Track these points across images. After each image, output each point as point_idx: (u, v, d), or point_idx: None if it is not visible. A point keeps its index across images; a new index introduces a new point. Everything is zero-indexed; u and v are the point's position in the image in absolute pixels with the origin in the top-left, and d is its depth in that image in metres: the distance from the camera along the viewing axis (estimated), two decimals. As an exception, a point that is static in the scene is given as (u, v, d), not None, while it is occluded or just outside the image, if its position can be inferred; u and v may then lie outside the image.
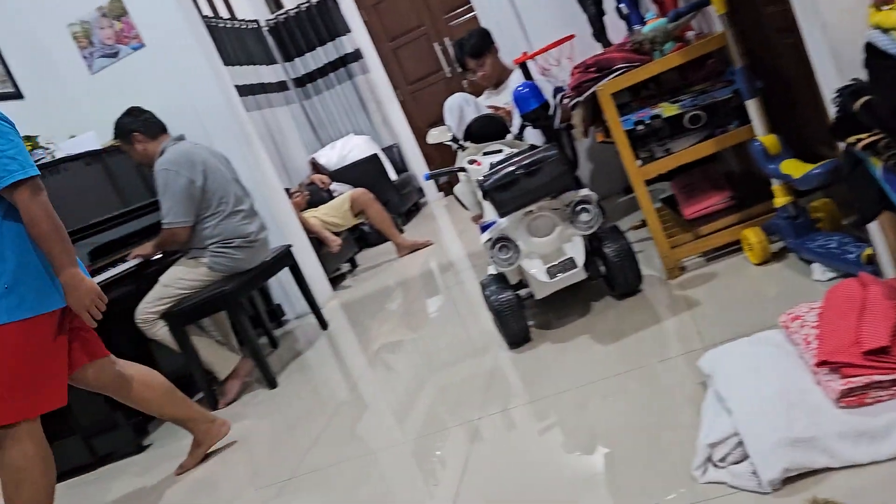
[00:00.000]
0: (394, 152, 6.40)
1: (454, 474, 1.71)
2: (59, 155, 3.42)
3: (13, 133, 1.92)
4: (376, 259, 5.10)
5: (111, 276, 3.00)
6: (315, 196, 5.05)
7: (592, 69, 2.27)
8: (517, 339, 2.28)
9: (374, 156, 5.87)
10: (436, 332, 2.85)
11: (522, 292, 2.42)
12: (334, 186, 5.44)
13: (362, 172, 5.74)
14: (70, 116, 3.89)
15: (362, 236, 5.59)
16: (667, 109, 2.24)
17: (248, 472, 2.27)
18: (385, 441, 2.06)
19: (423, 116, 6.53)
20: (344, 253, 4.79)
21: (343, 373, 2.89)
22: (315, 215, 4.69)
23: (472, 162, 2.56)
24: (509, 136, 2.69)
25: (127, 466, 2.83)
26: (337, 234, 4.64)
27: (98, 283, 2.91)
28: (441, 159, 6.42)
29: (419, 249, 4.70)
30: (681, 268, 2.35)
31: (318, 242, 4.46)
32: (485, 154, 2.60)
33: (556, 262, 2.16)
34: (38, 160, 3.27)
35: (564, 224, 2.19)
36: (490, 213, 2.39)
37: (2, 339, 1.91)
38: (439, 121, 3.39)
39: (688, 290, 2.20)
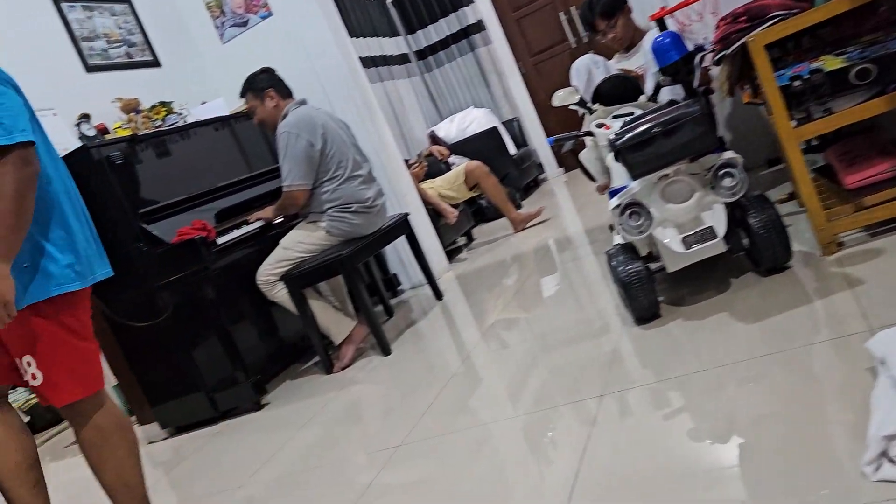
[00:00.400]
0: (514, 126, 6.25)
1: (572, 456, 1.57)
2: (190, 120, 3.54)
3: (9, 94, 1.65)
4: (493, 234, 5.00)
5: (235, 238, 3.07)
6: (433, 168, 5.01)
7: (742, 18, 2.04)
8: (645, 313, 2.11)
9: (494, 129, 5.75)
10: (552, 310, 2.69)
11: (652, 266, 2.24)
12: (453, 159, 5.38)
13: (481, 146, 5.64)
14: (202, 84, 4.03)
15: (479, 210, 5.50)
16: (829, 62, 1.98)
17: (360, 437, 2.24)
18: (497, 416, 1.95)
19: (545, 89, 6.33)
20: (460, 226, 4.72)
21: (456, 345, 2.81)
22: (432, 186, 4.65)
23: (600, 126, 2.39)
24: (642, 98, 2.50)
25: (246, 422, 2.90)
26: (454, 206, 4.57)
27: (222, 244, 3.00)
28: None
29: (533, 221, 4.56)
30: (838, 243, 2.08)
31: (435, 214, 4.41)
32: (615, 117, 2.42)
33: (693, 232, 1.97)
34: (172, 125, 3.39)
35: (704, 190, 1.99)
36: (619, 177, 2.22)
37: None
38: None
39: (847, 268, 1.94)
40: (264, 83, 3.12)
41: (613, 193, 2.14)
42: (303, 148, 2.96)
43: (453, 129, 5.91)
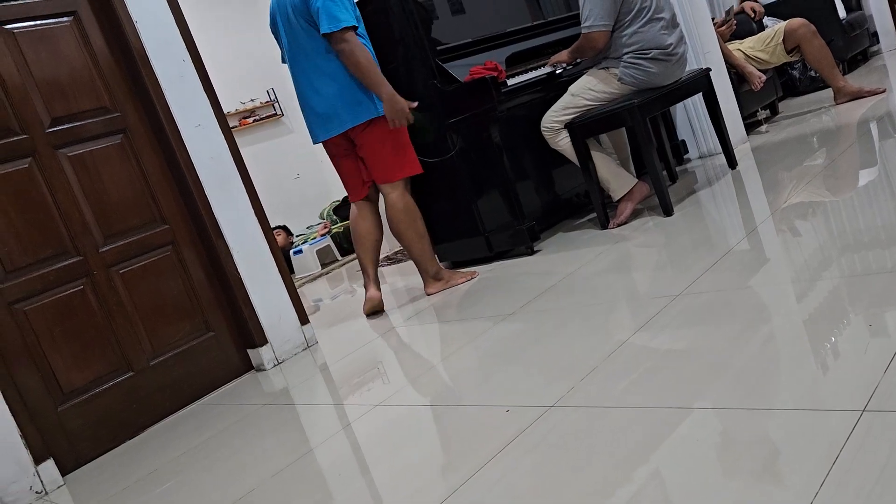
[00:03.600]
0: (848, -15, 5.29)
1: (865, 370, 1.26)
2: (490, -40, 3.47)
3: None
4: (803, 107, 4.39)
5: (525, 81, 3.04)
6: (742, 27, 4.45)
7: None
8: None
9: (823, -14, 4.91)
10: (862, 203, 2.23)
11: None
12: (767, 21, 4.73)
13: (803, 7, 4.87)
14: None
15: (790, 82, 4.85)
16: None
17: (627, 292, 2.16)
18: (778, 303, 1.68)
19: (897, -61, 5.20)
20: (765, 94, 4.21)
21: (743, 219, 2.53)
22: (739, 48, 4.15)
23: None
24: None
25: (518, 264, 2.97)
26: (762, 71, 4.06)
27: (512, 86, 2.98)
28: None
29: (865, 97, 3.88)
30: None
31: (737, 78, 3.96)
32: None
33: None
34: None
35: None
36: None
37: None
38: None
39: None
40: None
41: None
42: (607, -15, 2.76)
43: (771, -14, 5.16)
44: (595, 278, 2.39)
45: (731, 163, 3.27)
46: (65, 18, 2.57)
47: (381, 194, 3.01)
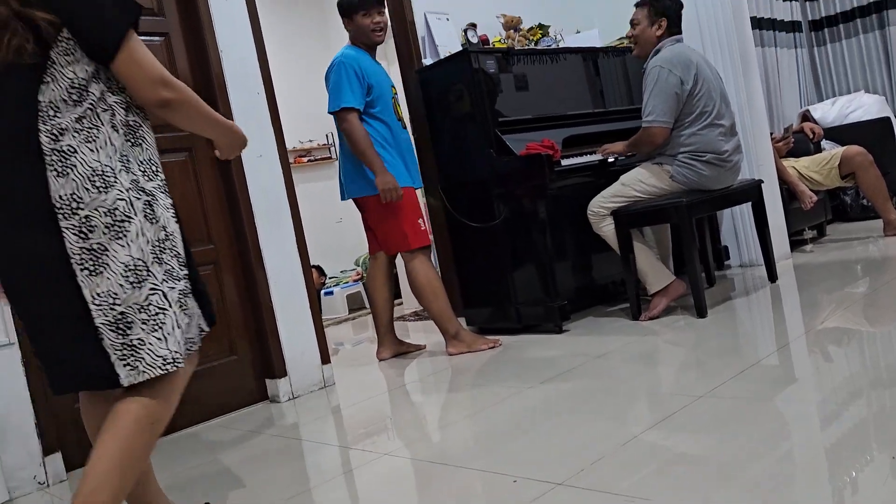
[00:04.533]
0: (911, 122, 5.32)
1: (884, 498, 1.27)
2: (563, 45, 3.60)
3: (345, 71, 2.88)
4: (850, 233, 4.37)
5: (578, 164, 3.10)
6: (799, 146, 4.50)
7: None
8: None
9: (886, 120, 4.95)
10: None
11: None
12: (825, 144, 4.77)
13: (862, 136, 4.88)
14: (582, 12, 4.08)
15: (841, 206, 4.85)
16: None
17: (649, 386, 2.15)
18: (801, 426, 1.67)
19: (966, 85, 5.25)
20: (814, 214, 4.21)
21: (777, 334, 2.52)
22: (794, 165, 4.19)
23: None
24: None
25: (544, 340, 2.98)
26: (813, 192, 4.07)
27: (565, 167, 3.05)
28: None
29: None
30: None
31: (788, 195, 3.98)
32: None
33: None
34: (547, 46, 3.50)
35: None
36: None
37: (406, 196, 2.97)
38: None
39: None
40: (665, 10, 2.98)
41: None
42: (673, 84, 2.83)
43: (833, 112, 5.21)
44: (618, 366, 2.39)
45: (772, 276, 3.26)
46: (157, 38, 2.73)
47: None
